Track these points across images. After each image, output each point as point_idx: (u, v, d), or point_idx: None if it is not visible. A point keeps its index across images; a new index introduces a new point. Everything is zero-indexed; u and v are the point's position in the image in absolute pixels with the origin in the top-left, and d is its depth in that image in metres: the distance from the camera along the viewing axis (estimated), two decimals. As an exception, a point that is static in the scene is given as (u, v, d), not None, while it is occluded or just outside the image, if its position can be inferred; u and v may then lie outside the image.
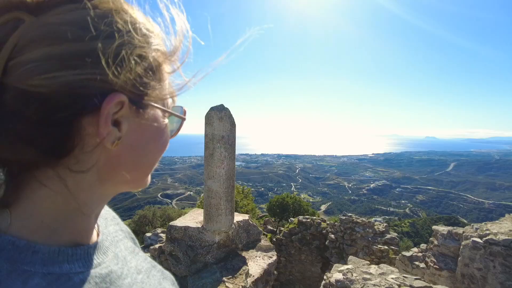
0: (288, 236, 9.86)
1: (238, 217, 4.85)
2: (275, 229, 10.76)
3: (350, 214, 9.35)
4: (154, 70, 0.47)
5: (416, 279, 4.20)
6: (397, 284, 3.94)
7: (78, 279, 0.45)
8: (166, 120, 0.54)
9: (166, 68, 0.51)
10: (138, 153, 0.50)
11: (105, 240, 0.57)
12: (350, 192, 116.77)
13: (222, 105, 4.17)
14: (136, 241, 0.77)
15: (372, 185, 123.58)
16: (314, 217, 10.68)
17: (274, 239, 9.42)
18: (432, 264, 5.73)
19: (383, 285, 3.91)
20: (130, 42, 0.44)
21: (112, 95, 0.42)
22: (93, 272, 0.48)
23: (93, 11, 0.41)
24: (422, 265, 5.86)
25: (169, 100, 0.54)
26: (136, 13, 0.47)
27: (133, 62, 0.44)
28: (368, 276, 4.23)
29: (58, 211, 0.46)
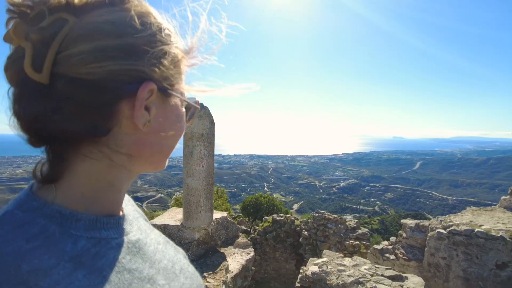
0: (262, 234, 9.96)
1: (217, 215, 4.93)
2: (249, 229, 10.84)
3: (322, 211, 9.55)
4: (175, 65, 0.56)
5: (387, 269, 4.43)
6: (369, 274, 4.15)
7: (115, 243, 0.55)
8: (183, 109, 0.63)
9: (185, 63, 0.60)
10: (162, 135, 0.58)
11: (128, 214, 0.66)
12: (321, 191, 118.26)
13: (201, 104, 4.24)
14: (149, 221, 0.87)
15: (342, 184, 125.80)
16: (288, 215, 10.85)
17: (249, 238, 9.50)
18: (401, 256, 6.02)
19: (356, 275, 4.11)
20: (159, 40, 0.53)
21: (146, 83, 0.51)
22: (125, 238, 0.58)
23: (129, 13, 0.50)
24: (392, 257, 6.14)
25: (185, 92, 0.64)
26: (158, 16, 0.56)
27: (161, 57, 0.53)
28: (342, 268, 4.42)
29: (95, 185, 0.54)
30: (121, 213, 0.63)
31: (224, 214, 5.06)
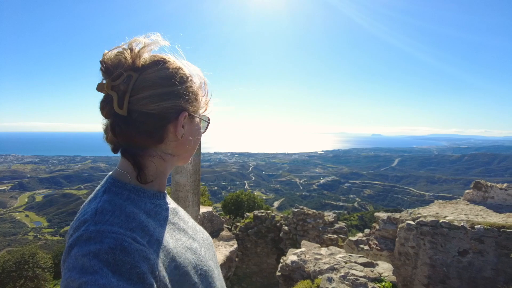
0: (244, 230, 10.21)
1: (203, 209, 5.20)
2: (230, 227, 11.08)
3: (302, 207, 9.88)
4: (196, 97, 0.93)
5: (360, 257, 4.80)
6: (344, 261, 4.52)
7: (164, 207, 0.92)
8: (201, 124, 1.00)
9: (200, 94, 0.96)
10: (189, 142, 0.93)
11: (167, 193, 1.01)
12: (301, 188, 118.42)
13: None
14: None
15: (322, 181, 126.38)
16: (269, 211, 11.14)
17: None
18: (374, 246, 6.44)
19: (332, 263, 4.46)
20: (187, 85, 0.88)
21: (183, 112, 0.87)
22: (169, 205, 0.95)
23: (170, 70, 0.85)
24: (366, 247, 6.55)
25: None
26: (185, 67, 0.91)
27: (189, 95, 0.89)
28: (319, 257, 4.77)
29: (155, 172, 0.89)
30: (165, 191, 1.00)
31: (210, 208, 5.34)
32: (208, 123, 1.05)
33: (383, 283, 4.19)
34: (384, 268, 4.46)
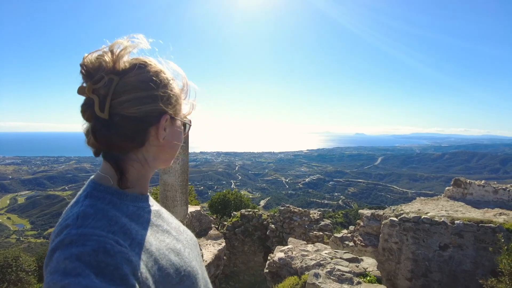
0: (231, 229, 10.26)
1: (191, 208, 5.25)
2: (217, 226, 11.12)
3: (288, 205, 9.99)
4: (177, 100, 0.93)
5: (345, 252, 4.93)
6: (329, 257, 4.64)
7: (147, 210, 0.92)
8: (182, 126, 0.99)
9: (182, 97, 0.97)
10: (171, 144, 0.94)
11: (149, 195, 1.03)
12: (287, 187, 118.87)
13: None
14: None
15: (307, 179, 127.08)
16: (256, 210, 11.23)
17: (219, 233, 9.75)
18: (359, 242, 6.59)
19: (318, 259, 4.57)
20: (168, 88, 0.90)
21: (164, 115, 0.88)
22: (152, 207, 0.95)
23: (150, 73, 0.86)
24: (351, 244, 6.70)
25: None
26: (166, 70, 0.92)
27: (170, 98, 0.90)
28: (305, 253, 4.88)
29: (135, 176, 0.90)
30: (148, 193, 1.01)
31: (198, 207, 5.40)
32: (190, 125, 1.06)
33: (368, 278, 4.33)
34: (369, 263, 4.60)
